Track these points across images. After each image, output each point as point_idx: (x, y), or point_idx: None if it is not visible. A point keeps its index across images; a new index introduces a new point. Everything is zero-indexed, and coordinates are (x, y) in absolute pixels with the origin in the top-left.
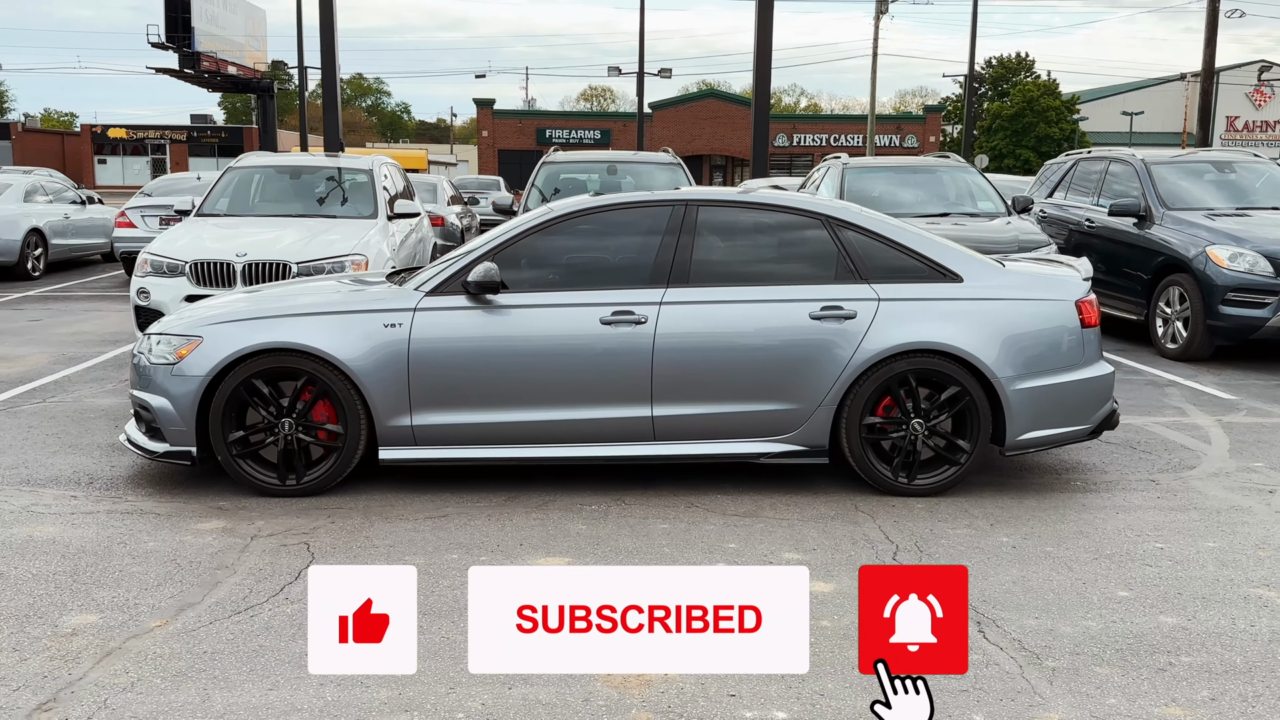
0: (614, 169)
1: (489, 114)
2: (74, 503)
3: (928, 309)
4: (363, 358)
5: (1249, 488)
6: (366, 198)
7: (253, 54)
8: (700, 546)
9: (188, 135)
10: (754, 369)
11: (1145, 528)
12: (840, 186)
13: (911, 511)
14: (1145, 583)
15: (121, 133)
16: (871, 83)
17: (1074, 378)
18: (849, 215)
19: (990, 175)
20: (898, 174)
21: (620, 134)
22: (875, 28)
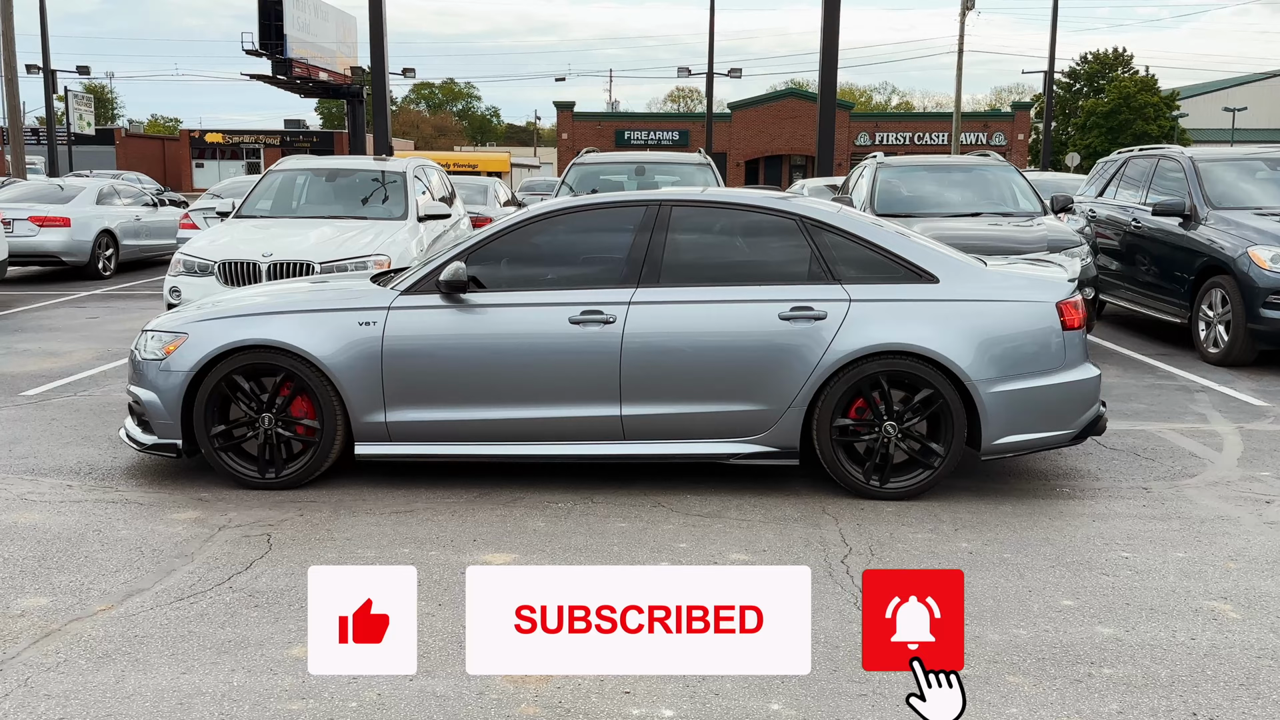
0: (642, 169)
1: (569, 117)
2: (67, 491)
3: (900, 310)
4: (338, 354)
5: (1245, 497)
6: (399, 200)
7: (343, 60)
8: (650, 546)
9: (281, 140)
10: (723, 369)
11: (1117, 536)
12: (873, 185)
13: (879, 515)
14: (1094, 592)
15: (218, 137)
16: (957, 79)
17: (1054, 381)
18: (823, 215)
19: (1064, 173)
20: (933, 173)
21: (698, 135)
22: (961, 24)
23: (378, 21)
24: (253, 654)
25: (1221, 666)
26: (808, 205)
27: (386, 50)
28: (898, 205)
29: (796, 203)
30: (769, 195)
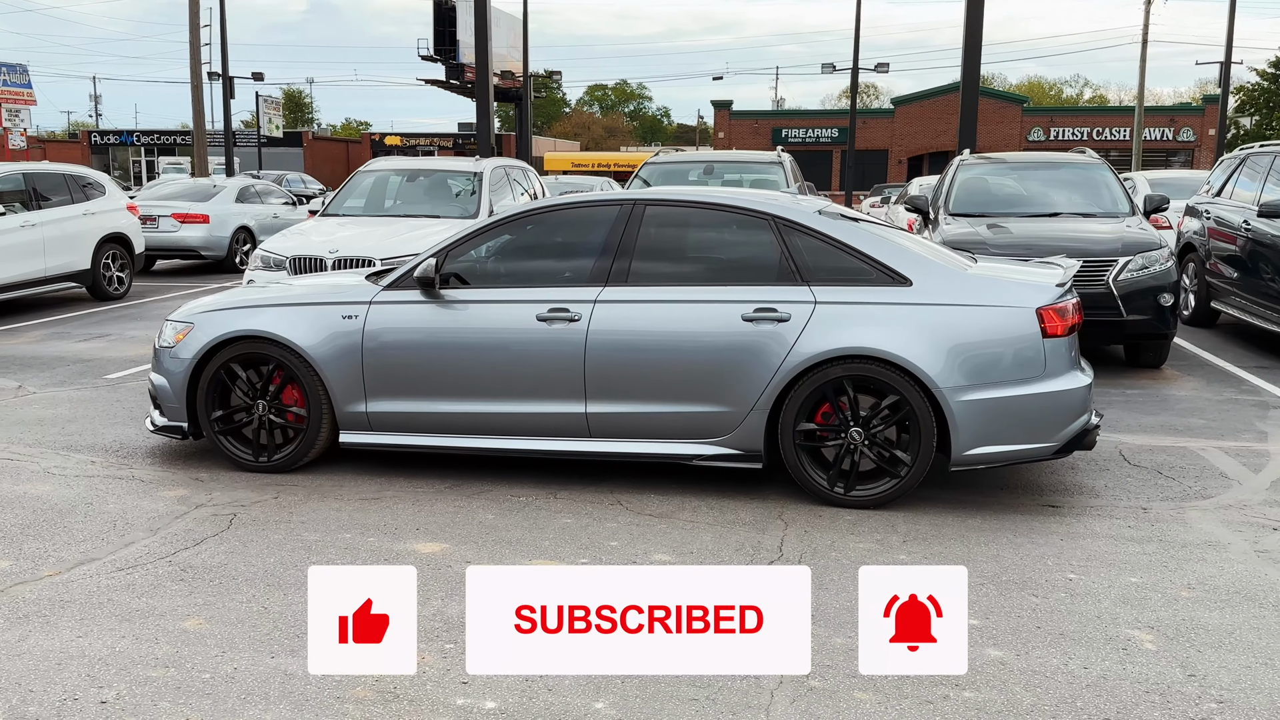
0: (711, 168)
1: (726, 115)
2: (88, 467)
3: (866, 313)
4: (322, 346)
5: (1251, 523)
6: (474, 200)
7: (512, 63)
8: (582, 543)
9: (453, 142)
10: (685, 370)
11: (1075, 557)
12: (950, 184)
13: (834, 524)
14: (1009, 613)
15: (396, 140)
16: (1140, 71)
17: (1031, 391)
18: (797, 215)
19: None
20: (1017, 171)
21: (860, 131)
22: (1146, 11)
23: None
24: (150, 624)
25: (1096, 698)
26: (782, 205)
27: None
28: (972, 205)
29: (770, 202)
30: (743, 194)
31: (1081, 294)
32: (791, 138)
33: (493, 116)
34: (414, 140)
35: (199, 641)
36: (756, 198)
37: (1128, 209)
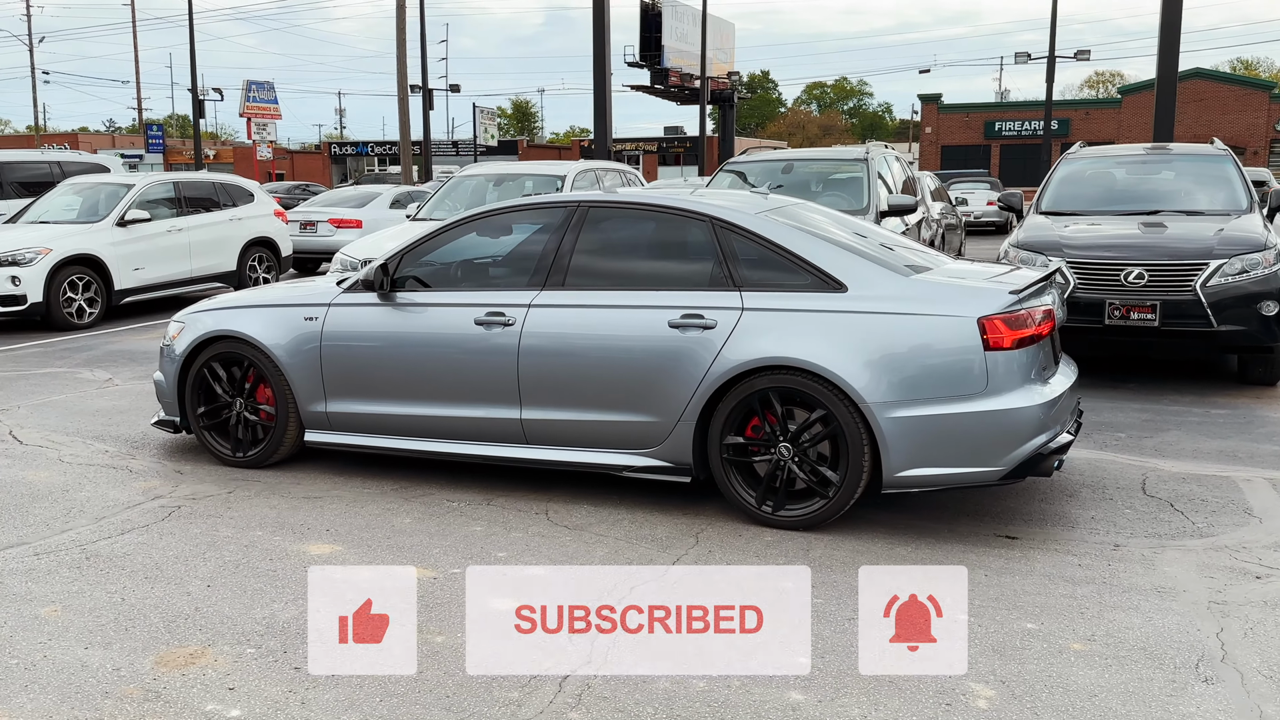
0: (790, 167)
1: (934, 109)
2: (99, 456)
3: (794, 321)
4: (287, 347)
5: (1232, 569)
6: None
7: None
8: (469, 552)
9: (658, 146)
10: (613, 377)
11: (986, 596)
12: (1049, 179)
13: (748, 544)
14: (852, 654)
15: None
16: None
17: (971, 409)
18: (735, 216)
19: None
20: (1126, 164)
21: (1082, 123)
22: None
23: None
24: (8, 608)
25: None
26: (723, 205)
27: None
28: (1066, 202)
29: (711, 203)
30: (683, 195)
31: (1163, 301)
32: (1005, 131)
33: (610, 120)
34: (619, 145)
35: (36, 628)
36: (696, 198)
37: (1244, 206)
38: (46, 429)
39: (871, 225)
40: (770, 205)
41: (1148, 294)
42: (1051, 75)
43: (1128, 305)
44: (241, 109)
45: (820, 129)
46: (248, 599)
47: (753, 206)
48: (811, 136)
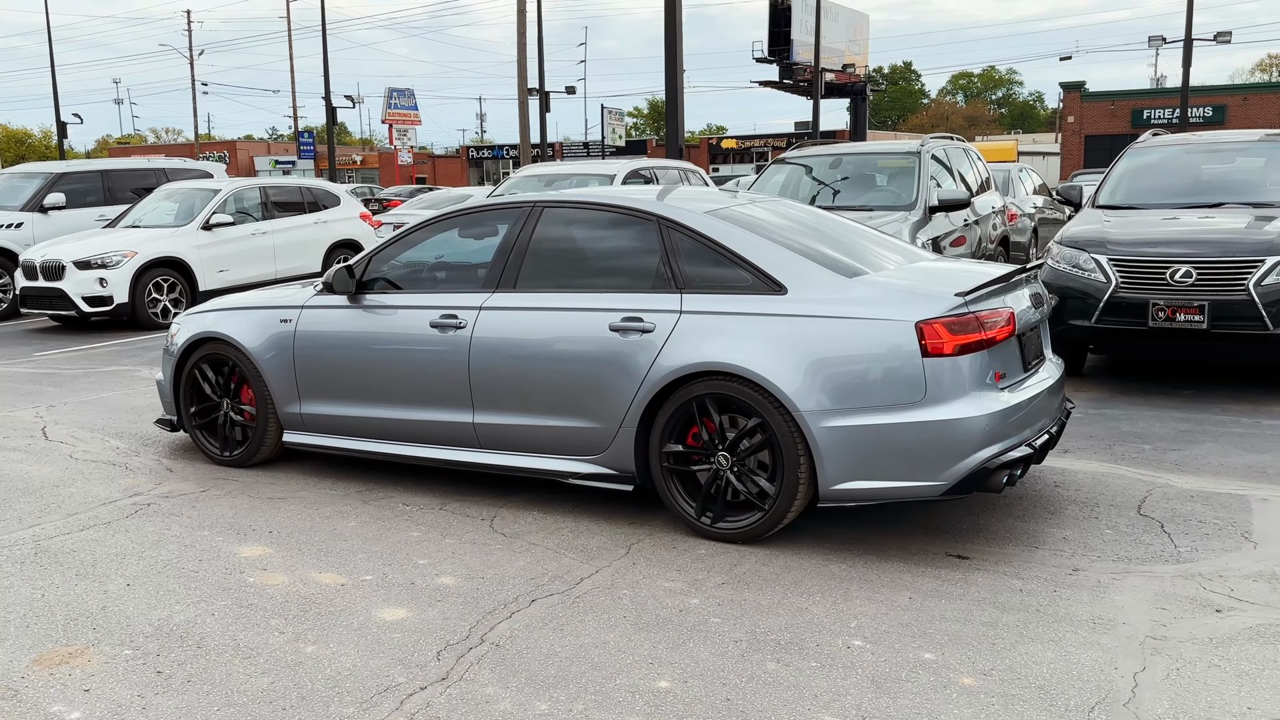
0: (839, 162)
1: (1076, 98)
2: (109, 453)
3: (730, 325)
4: (265, 348)
5: (1193, 600)
6: None
7: (851, 58)
8: (392, 558)
9: (787, 142)
10: (557, 381)
11: (896, 621)
12: (1109, 171)
13: (678, 558)
14: (714, 678)
15: (732, 143)
16: None
17: (908, 419)
18: (680, 215)
19: None
20: (1197, 154)
21: (1239, 109)
22: None
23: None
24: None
25: None
26: (670, 204)
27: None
28: (1125, 195)
29: (660, 202)
30: (633, 193)
31: (1213, 301)
32: (1155, 119)
33: (682, 118)
34: (748, 142)
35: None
36: (643, 196)
37: None
38: (77, 425)
39: (858, 226)
40: (729, 204)
41: (1196, 294)
42: (1188, 60)
43: (1173, 306)
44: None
45: (965, 120)
46: (156, 599)
47: (705, 205)
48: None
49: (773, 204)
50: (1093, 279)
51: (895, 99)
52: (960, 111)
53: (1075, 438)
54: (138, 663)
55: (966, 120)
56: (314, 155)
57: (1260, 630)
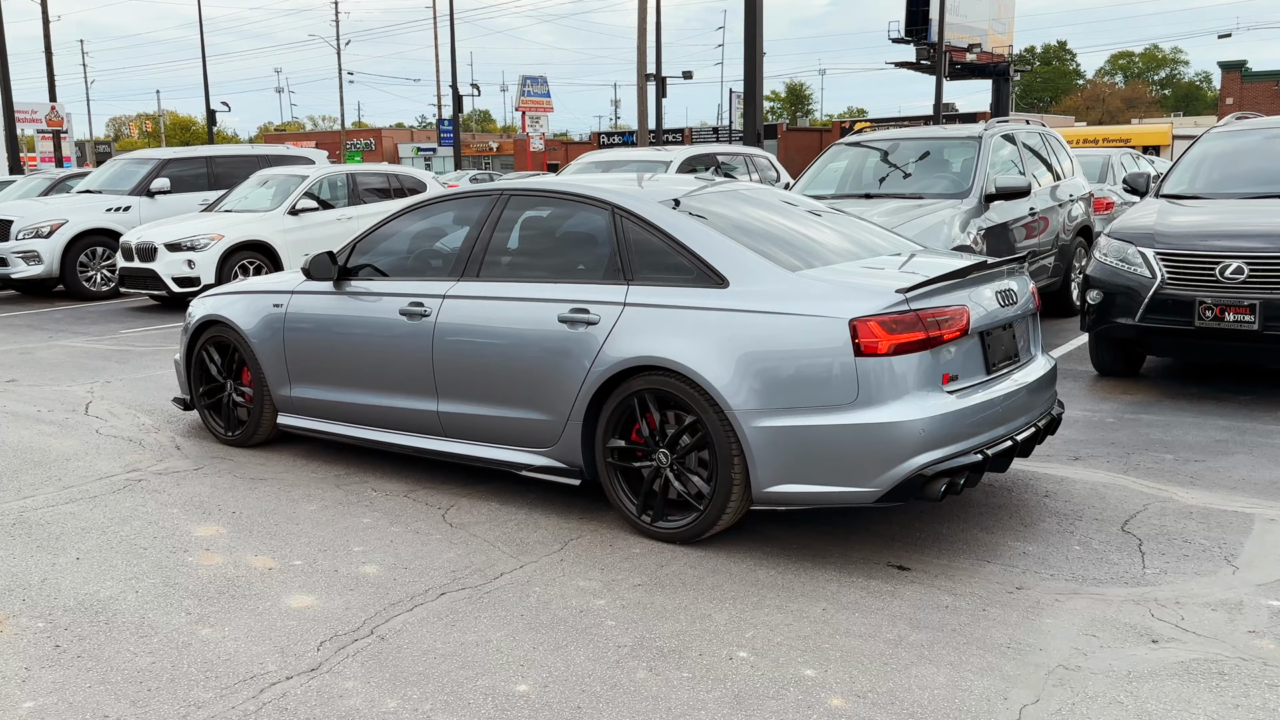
0: (896, 147)
1: (1236, 78)
2: (133, 429)
3: (670, 318)
4: (260, 332)
5: (1132, 628)
6: None
7: (995, 39)
8: (330, 544)
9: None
10: (510, 372)
11: (798, 634)
12: (1179, 158)
13: (609, 556)
14: (573, 683)
15: (866, 125)
16: None
17: (839, 421)
18: (632, 204)
19: None
20: (1275, 138)
21: None
22: None
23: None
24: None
25: None
26: (626, 193)
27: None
28: (1193, 184)
29: (615, 190)
30: (591, 182)
31: (1265, 300)
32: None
33: (761, 104)
34: (883, 125)
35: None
36: (600, 184)
37: None
38: (119, 401)
39: (846, 217)
40: (693, 192)
41: (1247, 292)
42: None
43: (1221, 305)
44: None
45: (1124, 102)
46: (94, 574)
47: (664, 194)
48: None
49: (747, 193)
50: (1137, 274)
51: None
52: (1119, 93)
53: (1094, 444)
54: (43, 636)
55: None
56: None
57: (1189, 666)
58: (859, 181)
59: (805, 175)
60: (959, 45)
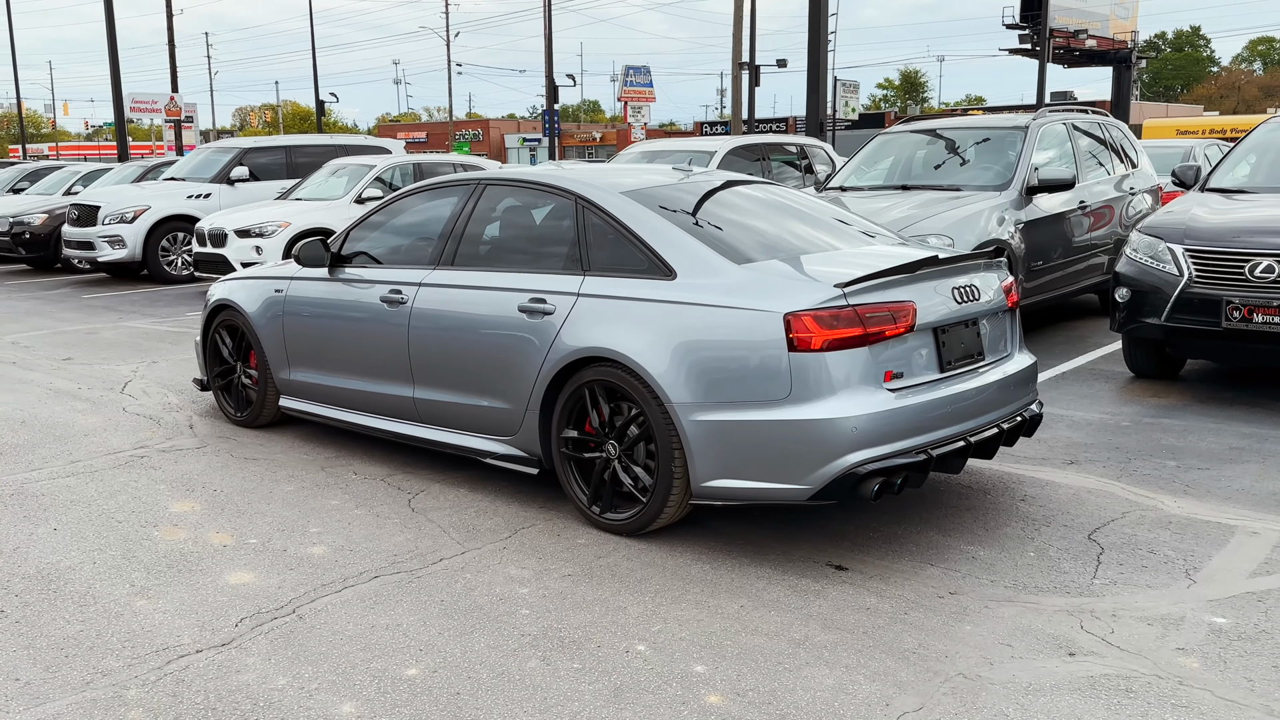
0: (939, 137)
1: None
2: (156, 408)
3: (619, 310)
4: (262, 316)
5: (1053, 639)
6: None
7: (1117, 24)
8: (289, 524)
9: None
10: (475, 359)
11: (705, 630)
12: (1229, 151)
13: (551, 546)
14: (467, 662)
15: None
16: None
17: (771, 417)
18: (593, 194)
19: None
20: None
21: None
22: None
23: None
24: None
25: None
26: (589, 182)
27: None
28: (1243, 177)
29: (579, 180)
30: (559, 171)
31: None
32: None
33: (824, 95)
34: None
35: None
36: (566, 174)
37: None
38: (156, 381)
39: (826, 207)
40: (661, 182)
41: (1277, 291)
42: None
43: (1250, 305)
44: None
45: (1261, 90)
46: (63, 545)
47: (629, 183)
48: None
49: (725, 184)
50: (1165, 272)
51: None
52: (1256, 81)
53: (1097, 448)
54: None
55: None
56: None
57: (1096, 681)
58: (900, 172)
59: (846, 166)
60: (1069, 30)
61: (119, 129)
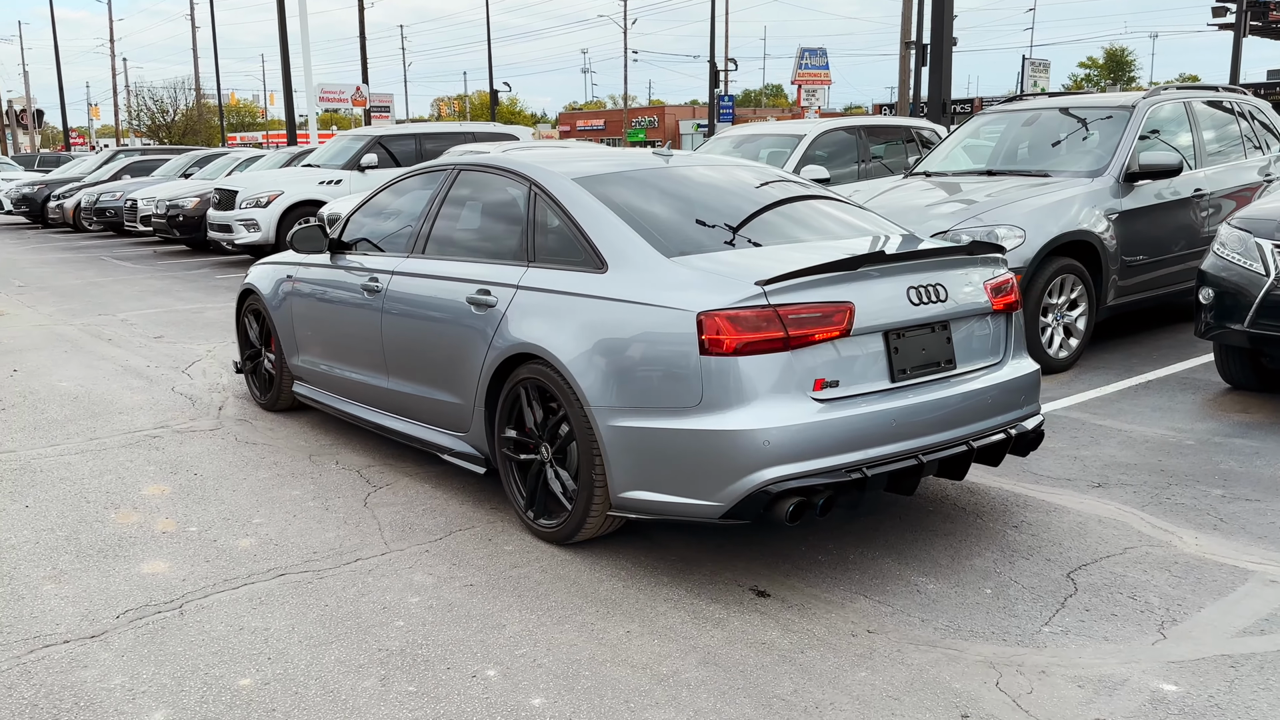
0: (1035, 118)
1: None
2: (199, 389)
3: (551, 304)
4: (276, 302)
5: (944, 693)
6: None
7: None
8: (236, 513)
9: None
10: (432, 351)
11: (559, 660)
12: None
13: (476, 550)
14: (293, 677)
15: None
16: None
17: (681, 425)
18: (546, 180)
19: None
20: None
21: None
22: None
23: None
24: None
25: None
26: (546, 167)
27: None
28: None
29: (535, 165)
30: (521, 156)
31: None
32: None
33: (948, 76)
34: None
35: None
36: (525, 159)
37: None
38: (219, 363)
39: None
40: (627, 167)
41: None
42: None
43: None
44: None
45: None
46: (23, 523)
47: (588, 169)
48: None
49: (702, 169)
50: (1250, 271)
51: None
52: None
53: (1138, 470)
54: None
55: None
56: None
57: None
58: (990, 156)
59: (938, 150)
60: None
61: (289, 118)
